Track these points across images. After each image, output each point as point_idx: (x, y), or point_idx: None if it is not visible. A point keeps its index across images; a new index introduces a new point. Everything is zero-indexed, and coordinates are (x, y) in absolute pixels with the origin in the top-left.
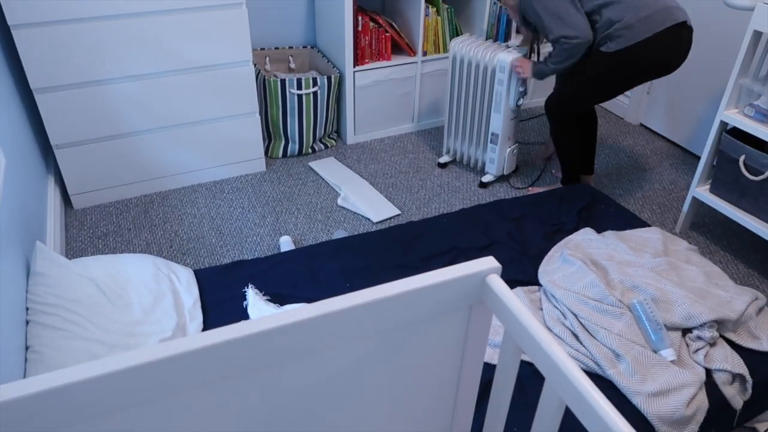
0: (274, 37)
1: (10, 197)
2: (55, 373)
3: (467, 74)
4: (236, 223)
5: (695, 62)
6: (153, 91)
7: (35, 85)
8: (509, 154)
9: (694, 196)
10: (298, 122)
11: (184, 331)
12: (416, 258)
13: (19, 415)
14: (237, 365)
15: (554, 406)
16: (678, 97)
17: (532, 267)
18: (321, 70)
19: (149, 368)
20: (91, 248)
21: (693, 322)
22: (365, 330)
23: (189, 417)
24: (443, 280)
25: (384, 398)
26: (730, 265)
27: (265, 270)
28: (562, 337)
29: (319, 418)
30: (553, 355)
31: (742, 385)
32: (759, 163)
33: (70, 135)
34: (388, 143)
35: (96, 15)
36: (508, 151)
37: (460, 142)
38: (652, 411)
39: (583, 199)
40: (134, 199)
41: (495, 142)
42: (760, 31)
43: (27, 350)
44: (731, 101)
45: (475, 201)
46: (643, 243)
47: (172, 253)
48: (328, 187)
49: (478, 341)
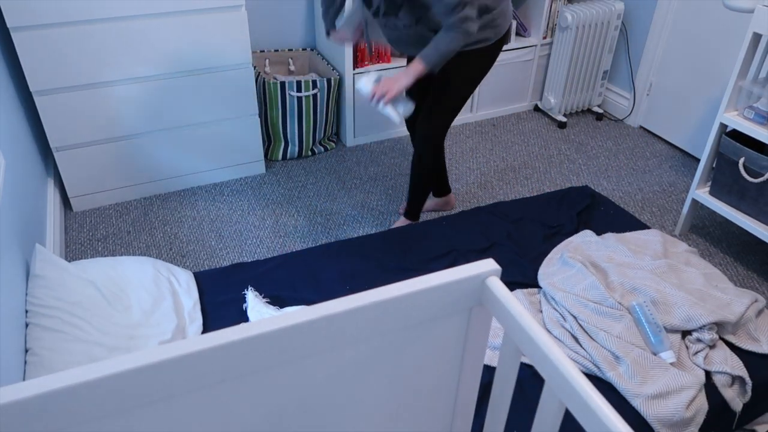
0: (273, 39)
1: (10, 200)
2: (55, 376)
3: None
4: (236, 225)
5: (695, 64)
6: (152, 93)
7: (35, 88)
8: None
9: (694, 198)
10: (298, 125)
11: (183, 334)
12: (416, 260)
13: (19, 417)
14: (236, 367)
15: (554, 409)
16: (678, 99)
17: (531, 269)
18: (321, 72)
19: (149, 371)
20: (90, 251)
21: (692, 324)
22: (365, 332)
23: (189, 419)
24: (443, 283)
25: (384, 401)
26: (729, 267)
27: (264, 272)
28: (561, 340)
29: (319, 421)
30: (552, 357)
31: (741, 387)
32: (758, 165)
33: (69, 137)
34: (387, 145)
35: (95, 18)
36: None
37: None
38: (651, 413)
39: (582, 201)
40: (134, 201)
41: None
42: (760, 33)
43: (26, 353)
44: (731, 103)
45: (475, 203)
46: (643, 245)
47: (171, 256)
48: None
49: (478, 343)
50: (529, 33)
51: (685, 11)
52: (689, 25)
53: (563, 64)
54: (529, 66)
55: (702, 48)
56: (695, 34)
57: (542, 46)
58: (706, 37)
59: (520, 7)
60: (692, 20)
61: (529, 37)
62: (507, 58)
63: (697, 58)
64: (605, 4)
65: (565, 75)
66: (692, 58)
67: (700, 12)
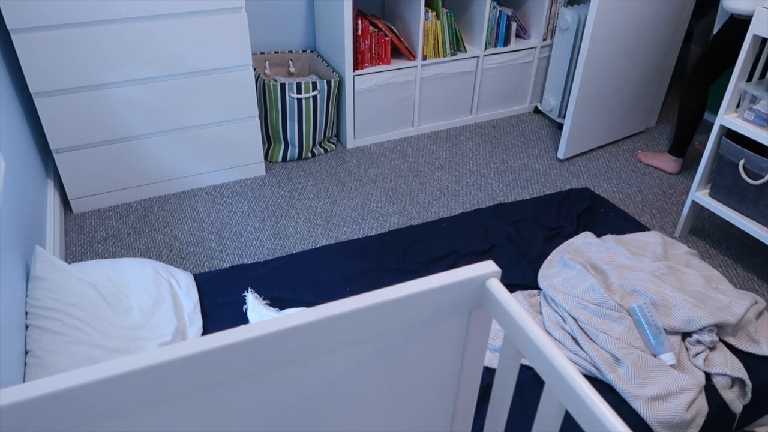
0: (273, 41)
1: (10, 201)
2: (55, 378)
3: None
4: (236, 227)
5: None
6: (153, 95)
7: (35, 89)
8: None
9: (694, 200)
10: (298, 126)
11: (183, 335)
12: (416, 262)
13: (19, 419)
14: (236, 369)
15: (554, 411)
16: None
17: (531, 271)
18: (321, 74)
19: (149, 372)
20: (90, 252)
21: (692, 326)
22: (365, 334)
23: (189, 421)
24: (443, 284)
25: (383, 402)
26: (729, 269)
27: (264, 274)
28: (561, 341)
29: (319, 422)
30: (552, 359)
31: (741, 389)
32: (758, 167)
33: (69, 139)
34: (387, 147)
35: (95, 19)
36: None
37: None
38: (651, 415)
39: (582, 202)
40: (134, 203)
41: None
42: (760, 35)
43: (26, 354)
44: (731, 105)
45: (475, 205)
46: (643, 247)
47: (171, 258)
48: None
49: (478, 345)
50: (529, 35)
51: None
52: None
53: (563, 66)
54: (529, 68)
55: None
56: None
57: (542, 47)
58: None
59: (520, 8)
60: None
61: (529, 38)
62: (507, 60)
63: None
64: None
65: (565, 77)
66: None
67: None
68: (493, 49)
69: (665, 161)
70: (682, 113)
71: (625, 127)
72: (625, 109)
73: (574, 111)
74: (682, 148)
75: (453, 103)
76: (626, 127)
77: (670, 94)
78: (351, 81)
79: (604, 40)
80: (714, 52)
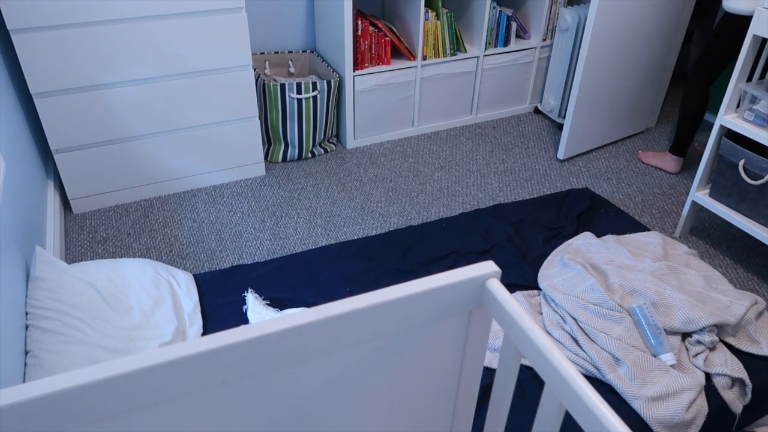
0: (273, 41)
1: (10, 202)
2: (55, 378)
3: None
4: (236, 227)
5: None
6: (153, 95)
7: (35, 90)
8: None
9: (694, 200)
10: (298, 127)
11: (183, 336)
12: (416, 262)
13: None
14: (236, 370)
15: (554, 411)
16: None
17: (531, 271)
18: (321, 74)
19: (149, 373)
20: (90, 253)
21: (693, 326)
22: (365, 334)
23: (189, 421)
24: (443, 285)
25: (383, 403)
26: (729, 270)
27: (264, 274)
28: (561, 342)
29: (319, 423)
30: (552, 359)
31: (741, 389)
32: (758, 167)
33: (69, 139)
34: (387, 147)
35: (95, 19)
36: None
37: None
38: (651, 415)
39: (582, 203)
40: (134, 203)
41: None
42: (760, 35)
43: (26, 355)
44: (731, 105)
45: (475, 205)
46: (643, 247)
47: (171, 258)
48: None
49: (478, 345)
50: (529, 35)
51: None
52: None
53: (563, 66)
54: (529, 68)
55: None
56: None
57: (542, 48)
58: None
59: (520, 8)
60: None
61: (529, 39)
62: (507, 60)
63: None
64: None
65: (565, 77)
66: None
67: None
68: (493, 50)
69: (666, 161)
70: (684, 112)
71: (625, 127)
72: (625, 110)
73: (574, 111)
74: (683, 147)
75: (453, 103)
76: (626, 128)
77: (670, 94)
78: (351, 81)
79: (604, 41)
80: (712, 49)
